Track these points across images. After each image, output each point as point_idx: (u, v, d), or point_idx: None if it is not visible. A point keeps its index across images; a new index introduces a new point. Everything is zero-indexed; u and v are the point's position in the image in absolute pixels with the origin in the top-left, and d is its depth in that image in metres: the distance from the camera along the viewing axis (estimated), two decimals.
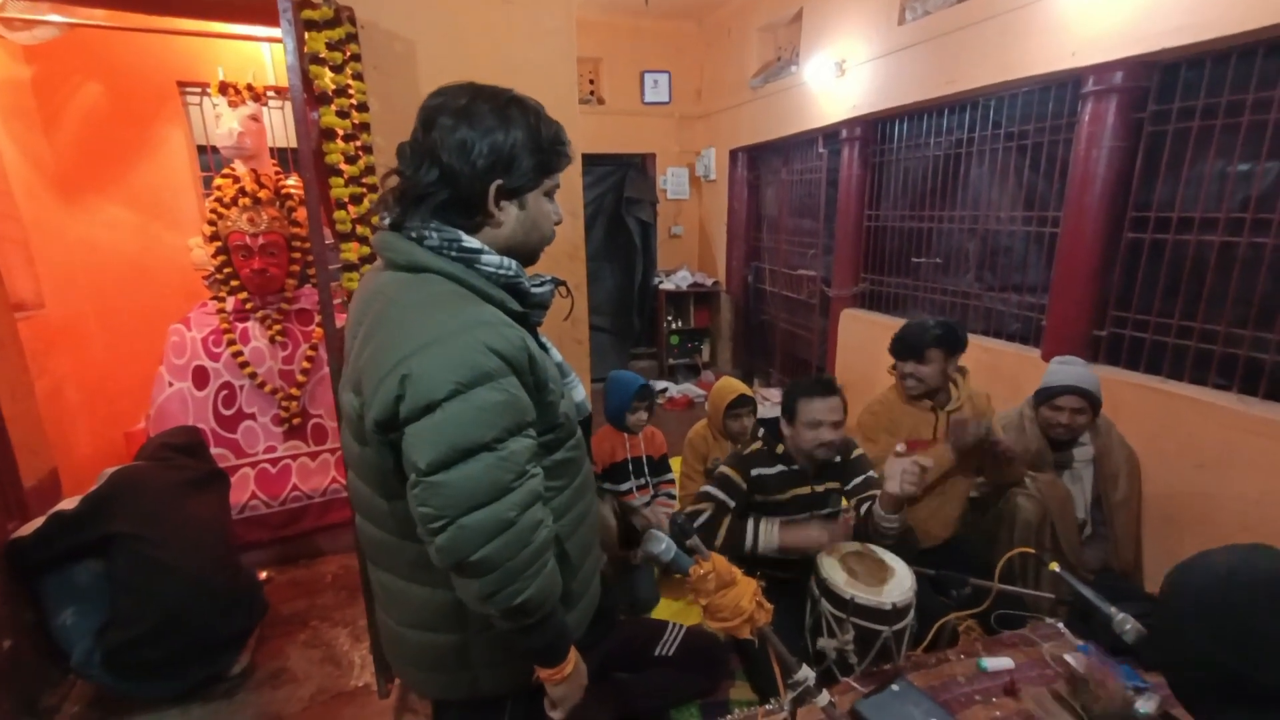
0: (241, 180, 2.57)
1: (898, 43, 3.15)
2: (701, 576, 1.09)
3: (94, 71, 2.78)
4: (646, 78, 5.35)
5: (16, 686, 1.73)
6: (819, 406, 1.76)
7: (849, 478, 1.89)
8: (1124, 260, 2.33)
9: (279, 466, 2.64)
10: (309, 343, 2.71)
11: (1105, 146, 2.26)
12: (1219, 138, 2.03)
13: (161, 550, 1.82)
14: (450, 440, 0.80)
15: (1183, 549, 2.06)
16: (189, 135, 3.03)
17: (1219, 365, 2.07)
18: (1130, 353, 2.33)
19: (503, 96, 0.92)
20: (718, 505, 1.85)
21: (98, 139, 2.83)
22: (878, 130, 3.62)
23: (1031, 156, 2.68)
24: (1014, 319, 2.88)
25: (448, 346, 0.81)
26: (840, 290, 3.94)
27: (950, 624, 1.68)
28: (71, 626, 1.78)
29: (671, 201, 5.67)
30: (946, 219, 3.21)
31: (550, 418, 0.95)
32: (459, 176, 0.89)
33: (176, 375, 2.56)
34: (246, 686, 1.97)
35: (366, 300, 0.94)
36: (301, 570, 2.60)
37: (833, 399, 1.78)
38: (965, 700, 1.33)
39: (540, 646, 0.94)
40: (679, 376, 5.52)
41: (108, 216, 2.91)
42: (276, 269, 2.63)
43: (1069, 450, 2.14)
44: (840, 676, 1.45)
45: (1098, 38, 2.20)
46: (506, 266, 0.93)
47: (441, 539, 0.81)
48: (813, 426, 1.77)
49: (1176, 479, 2.11)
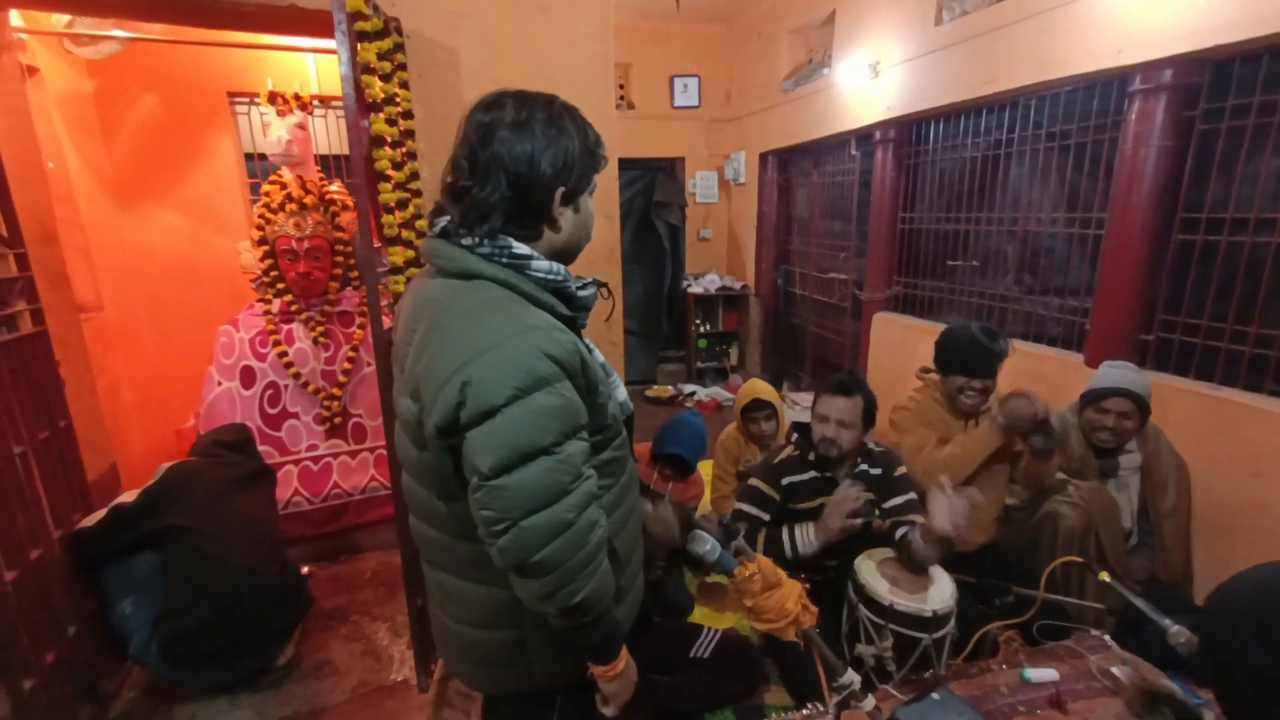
0: (288, 186, 2.65)
1: (934, 43, 3.11)
2: (747, 578, 1.09)
3: (150, 84, 2.91)
4: (676, 82, 5.36)
5: (78, 672, 1.81)
6: (829, 403, 1.80)
7: (887, 494, 1.84)
8: (1173, 262, 2.26)
9: (320, 464, 2.71)
10: (350, 344, 2.79)
11: (1154, 145, 2.20)
12: (1276, 135, 1.96)
13: (214, 544, 1.89)
14: (510, 444, 0.82)
15: (1236, 559, 2.01)
16: (238, 143, 3.14)
17: (1275, 370, 2.00)
18: (1180, 357, 2.26)
19: (553, 105, 0.94)
20: (752, 522, 1.84)
21: (153, 148, 2.95)
22: (913, 131, 3.57)
23: (1075, 156, 2.62)
24: (1055, 323, 2.81)
25: (505, 352, 0.83)
26: (873, 293, 3.89)
27: (991, 633, 1.65)
28: (130, 616, 1.85)
29: (700, 205, 5.67)
30: (984, 221, 3.15)
31: (600, 419, 0.96)
32: (529, 187, 0.91)
33: (225, 375, 2.65)
34: (292, 678, 2.03)
35: (419, 306, 0.96)
36: (342, 566, 2.67)
37: (844, 400, 1.78)
38: (1008, 711, 1.31)
39: (595, 643, 0.96)
40: (707, 380, 5.51)
41: (161, 222, 3.04)
42: (320, 272, 2.71)
43: (1115, 458, 2.09)
44: (878, 683, 1.44)
45: (1145, 34, 2.14)
46: (555, 271, 0.94)
47: (504, 540, 0.83)
48: (821, 420, 1.82)
49: (1230, 487, 2.04)
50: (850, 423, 1.79)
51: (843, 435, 1.78)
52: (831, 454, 1.81)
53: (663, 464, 2.42)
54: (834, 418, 1.79)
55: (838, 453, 1.80)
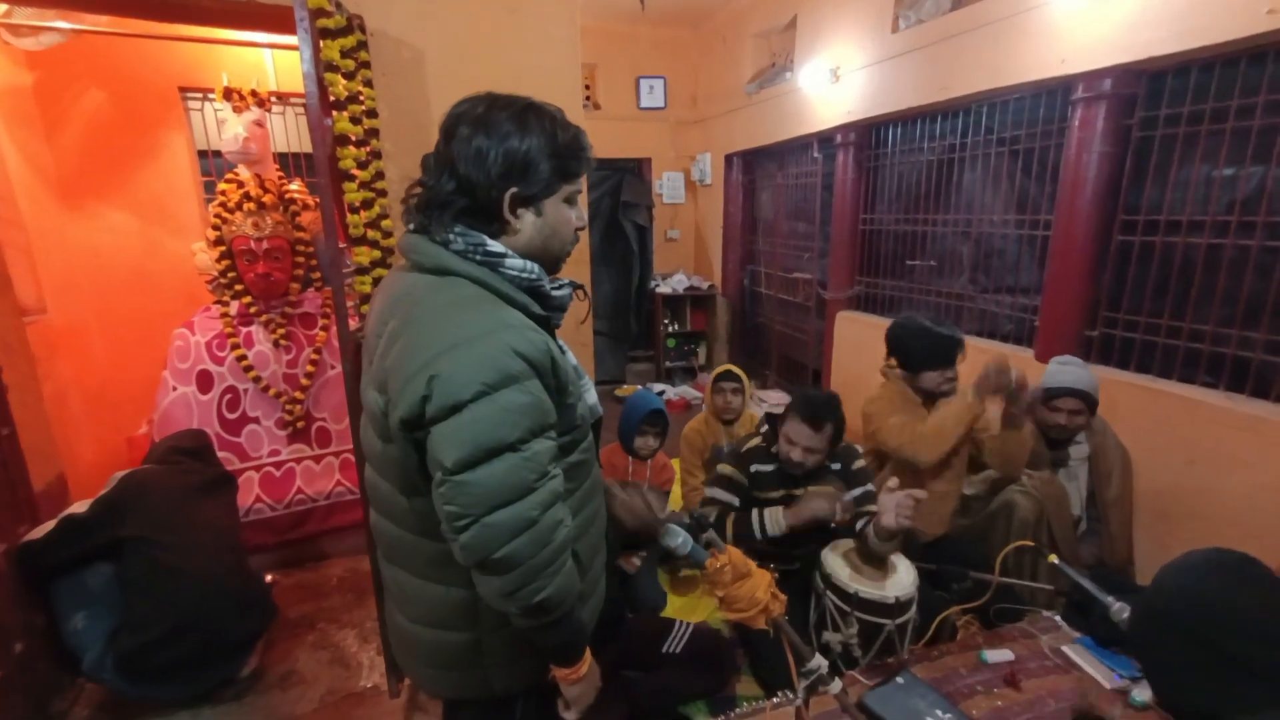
0: (246, 185, 2.59)
1: (891, 50, 3.21)
2: (718, 569, 1.12)
3: (96, 77, 2.79)
4: (642, 83, 5.39)
5: (27, 690, 1.73)
6: (797, 429, 1.83)
7: (848, 486, 1.92)
8: (1114, 262, 2.39)
9: (283, 470, 2.65)
10: (312, 346, 2.73)
11: (1095, 151, 2.32)
12: (1204, 143, 2.09)
13: (174, 553, 1.83)
14: (476, 440, 0.81)
15: (1174, 543, 2.13)
16: (191, 140, 3.04)
17: (1207, 363, 2.13)
18: (1121, 352, 2.39)
19: (520, 104, 0.93)
20: (723, 507, 1.89)
21: (100, 145, 2.83)
22: (872, 135, 3.68)
23: (1023, 161, 2.74)
24: (1007, 320, 2.93)
25: (474, 349, 0.83)
26: (836, 293, 3.99)
27: (951, 618, 1.72)
28: (83, 630, 1.78)
29: (667, 206, 5.72)
30: (940, 222, 3.27)
31: (569, 420, 0.96)
32: (475, 185, 0.90)
33: (180, 379, 2.57)
34: (256, 689, 1.99)
35: (392, 301, 0.95)
36: (307, 573, 2.61)
37: (813, 431, 1.81)
38: (968, 691, 1.36)
39: (558, 645, 0.95)
40: (676, 379, 5.56)
41: (109, 222, 2.92)
42: (281, 273, 2.64)
43: (1065, 449, 2.20)
44: (845, 670, 1.49)
45: (1087, 46, 2.26)
46: (529, 270, 0.94)
47: (466, 537, 0.83)
48: (788, 441, 1.86)
49: (1168, 476, 2.16)
50: (817, 449, 1.83)
51: (809, 458, 1.84)
52: (796, 472, 1.88)
53: (641, 434, 2.41)
54: (800, 443, 1.83)
55: (801, 472, 1.88)
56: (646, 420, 2.40)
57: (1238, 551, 0.91)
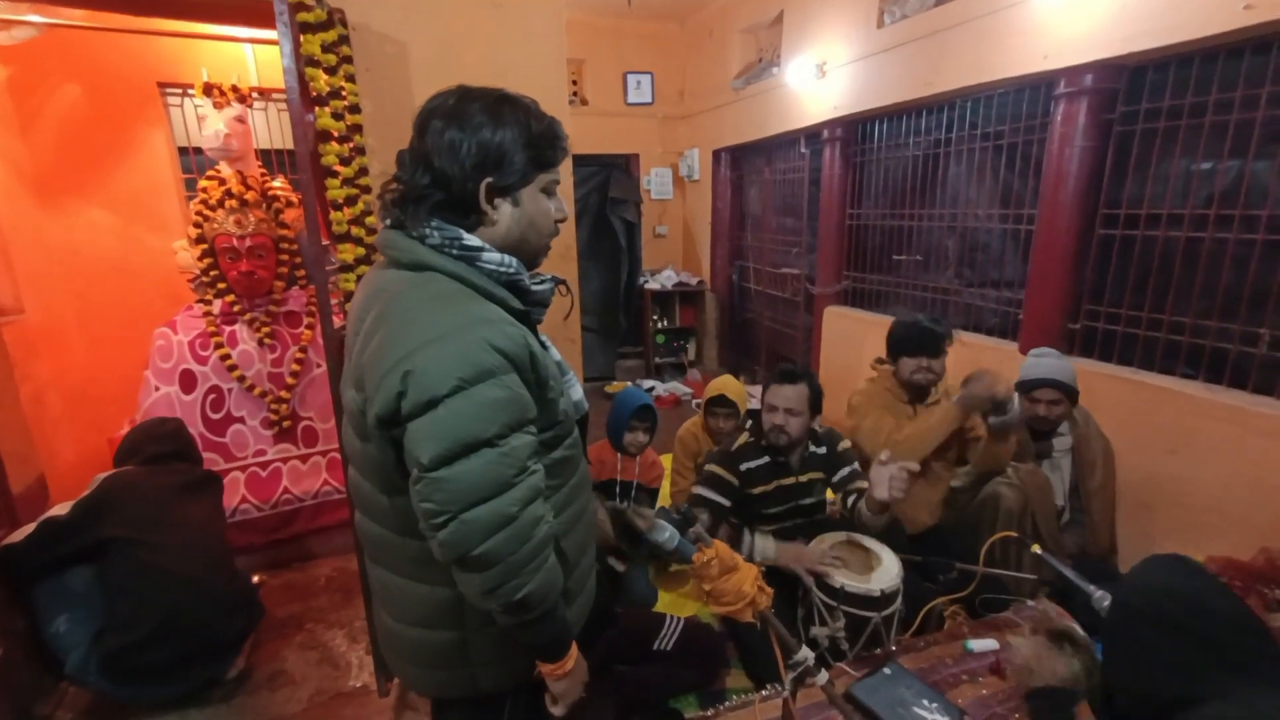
0: (227, 182, 2.55)
1: (877, 45, 3.22)
2: (705, 563, 1.12)
3: (73, 72, 2.74)
4: (629, 79, 5.37)
5: (9, 695, 1.71)
6: (776, 392, 1.89)
7: (834, 470, 1.96)
8: (1096, 255, 2.42)
9: (269, 470, 2.62)
10: (298, 345, 2.70)
11: (1077, 146, 2.34)
12: (1184, 137, 2.12)
13: (158, 554, 1.81)
14: (452, 436, 0.80)
15: (1156, 531, 2.16)
16: (170, 137, 2.99)
17: (1186, 355, 2.16)
18: (1103, 344, 2.43)
19: (492, 95, 0.93)
20: (712, 507, 1.89)
21: (77, 141, 2.78)
22: (858, 130, 3.69)
23: (1007, 156, 2.77)
24: (992, 314, 2.96)
25: (450, 344, 0.82)
26: (824, 288, 4.01)
27: (937, 608, 1.74)
28: (66, 633, 1.75)
29: (655, 201, 5.71)
30: (926, 217, 3.29)
31: (551, 415, 0.96)
32: (450, 178, 0.90)
33: (163, 379, 2.53)
34: (244, 690, 1.97)
35: (369, 297, 0.95)
36: (295, 573, 2.59)
37: (790, 388, 1.87)
38: (954, 680, 1.38)
39: (542, 642, 0.95)
40: (665, 375, 5.56)
41: (88, 219, 2.87)
42: (264, 271, 2.61)
43: (1049, 440, 2.22)
44: (833, 663, 1.50)
45: (1069, 42, 2.28)
46: (507, 264, 0.93)
47: (444, 534, 0.82)
48: (770, 410, 1.90)
49: (1149, 465, 2.20)
50: (798, 410, 1.87)
51: (791, 422, 1.86)
52: (781, 441, 1.89)
53: (630, 430, 2.40)
54: (781, 406, 1.87)
55: (787, 440, 1.88)
56: (635, 416, 2.39)
57: (1180, 554, 1.03)
